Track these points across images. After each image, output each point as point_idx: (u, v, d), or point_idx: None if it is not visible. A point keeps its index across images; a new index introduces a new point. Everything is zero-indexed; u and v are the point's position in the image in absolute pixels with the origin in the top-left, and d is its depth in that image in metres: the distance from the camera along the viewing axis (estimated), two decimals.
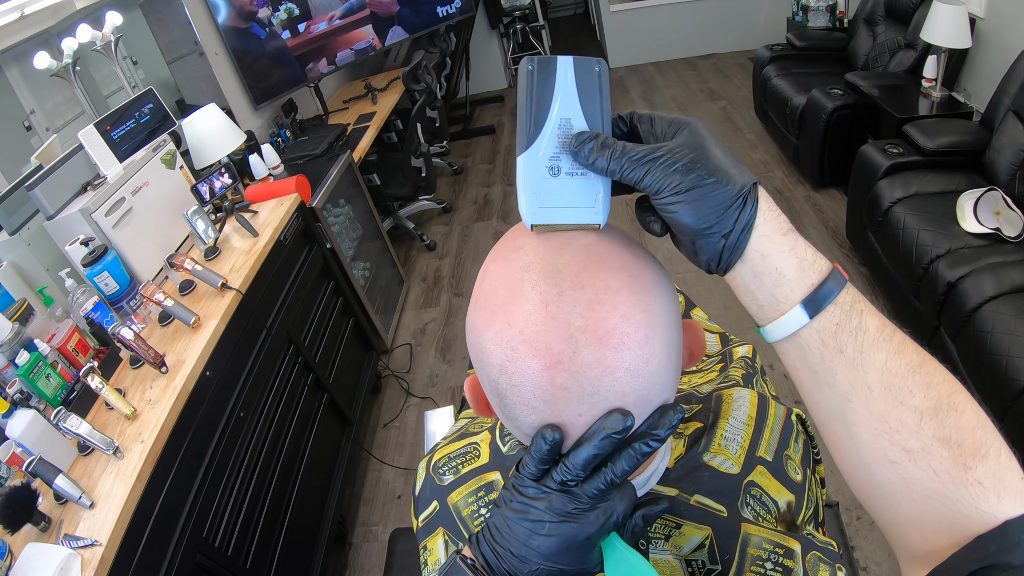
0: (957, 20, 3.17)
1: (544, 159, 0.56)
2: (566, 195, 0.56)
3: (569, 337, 0.52)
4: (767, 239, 0.53)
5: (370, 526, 2.63)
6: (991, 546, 0.47)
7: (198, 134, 2.76)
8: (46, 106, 2.53)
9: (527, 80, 0.55)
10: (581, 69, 0.56)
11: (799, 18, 5.28)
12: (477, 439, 0.90)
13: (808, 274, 0.53)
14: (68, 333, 1.94)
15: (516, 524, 0.57)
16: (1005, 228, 2.55)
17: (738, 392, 0.85)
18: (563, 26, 9.18)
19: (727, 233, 0.52)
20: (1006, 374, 2.08)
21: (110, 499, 1.51)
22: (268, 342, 2.27)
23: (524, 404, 0.55)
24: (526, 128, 0.56)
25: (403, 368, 3.40)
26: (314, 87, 4.07)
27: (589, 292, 0.53)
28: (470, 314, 0.60)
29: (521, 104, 0.56)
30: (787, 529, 0.74)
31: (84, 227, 2.11)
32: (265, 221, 2.54)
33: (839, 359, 0.52)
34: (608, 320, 0.53)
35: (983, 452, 0.50)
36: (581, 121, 0.56)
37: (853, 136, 3.67)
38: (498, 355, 0.55)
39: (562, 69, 0.55)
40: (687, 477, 0.75)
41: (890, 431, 0.51)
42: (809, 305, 0.52)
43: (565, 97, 0.56)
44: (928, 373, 0.52)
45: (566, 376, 0.53)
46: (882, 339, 0.52)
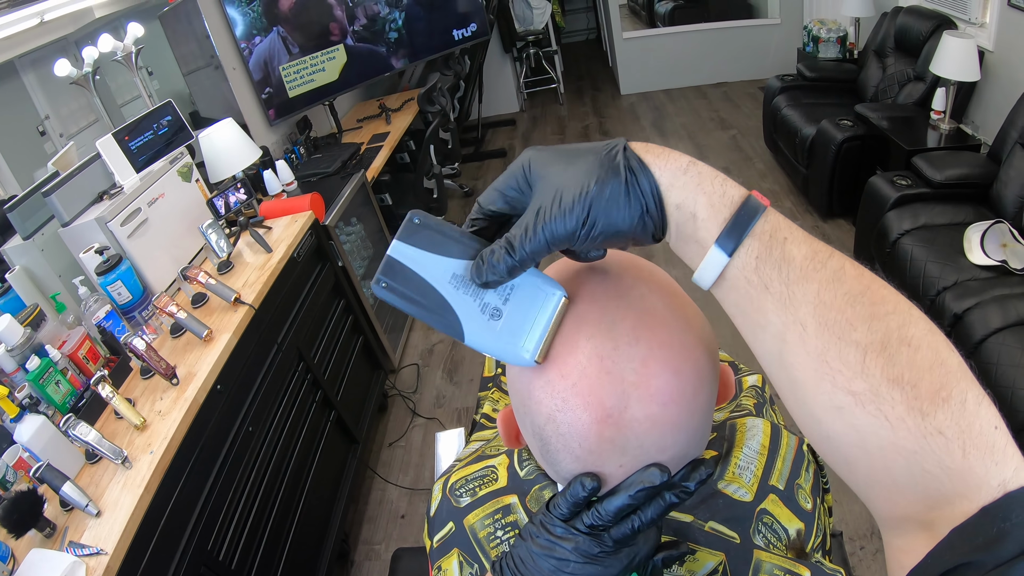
0: (966, 53, 3.20)
1: (481, 320, 0.54)
2: (522, 316, 0.54)
3: (622, 392, 0.53)
4: (672, 187, 0.49)
5: (373, 545, 2.62)
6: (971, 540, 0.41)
7: (214, 148, 2.79)
8: (61, 112, 2.56)
9: (393, 295, 0.53)
10: (409, 236, 0.53)
11: (810, 49, 5.32)
12: (495, 462, 0.91)
13: (719, 208, 0.48)
14: (79, 340, 1.96)
15: (542, 559, 0.58)
16: (1012, 260, 2.55)
17: (751, 421, 0.87)
18: (576, 51, 9.26)
19: (646, 210, 0.48)
20: (1012, 406, 2.08)
21: (117, 508, 1.51)
22: (279, 358, 2.28)
23: (568, 452, 0.56)
24: (444, 322, 0.54)
25: (410, 388, 3.41)
26: (329, 105, 4.11)
27: (644, 348, 0.54)
28: None
29: (416, 313, 0.54)
30: (797, 556, 0.75)
31: (99, 236, 2.12)
32: (279, 237, 2.56)
33: (766, 296, 0.47)
34: (660, 377, 0.53)
35: (943, 395, 0.43)
36: (460, 264, 0.53)
37: (862, 167, 3.69)
38: (548, 404, 0.56)
39: (401, 256, 0.53)
40: (702, 504, 0.76)
41: (831, 371, 0.45)
42: (725, 242, 0.47)
43: (428, 267, 0.53)
44: (872, 303, 0.45)
45: (614, 430, 0.53)
46: (812, 268, 0.46)
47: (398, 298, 0.53)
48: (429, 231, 0.53)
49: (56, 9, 2.42)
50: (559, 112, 7.10)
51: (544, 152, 0.52)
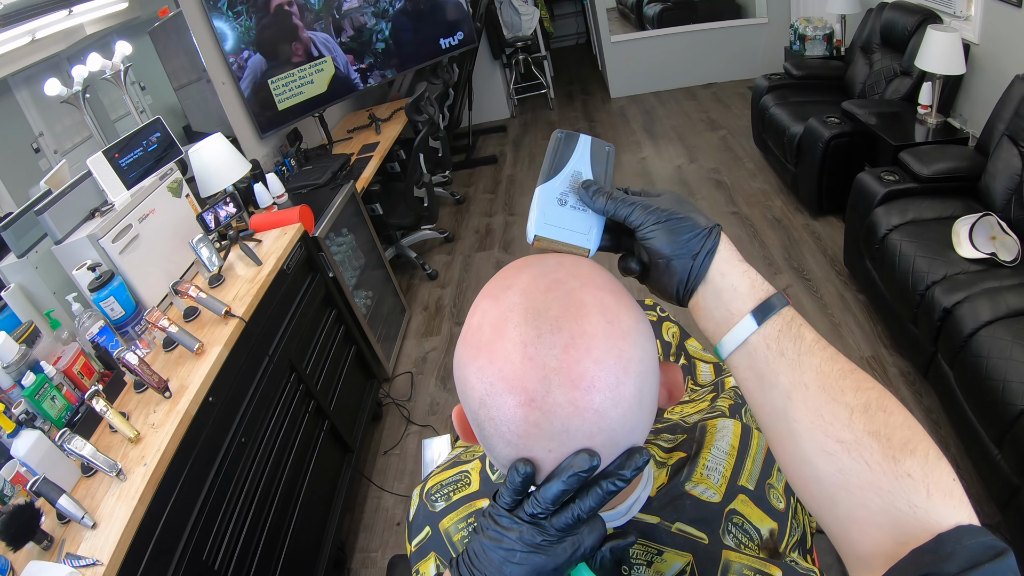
0: (951, 47, 3.22)
1: (556, 192, 0.69)
2: (567, 221, 0.68)
3: (543, 378, 0.55)
4: (726, 261, 0.64)
5: (369, 552, 2.63)
6: (926, 557, 0.49)
7: (204, 163, 2.80)
8: (55, 129, 2.58)
9: (555, 142, 0.71)
10: (596, 145, 0.72)
11: (797, 47, 5.35)
12: (468, 467, 0.93)
13: (757, 291, 0.63)
14: (74, 356, 1.97)
15: (491, 551, 0.59)
16: (1001, 253, 2.56)
17: (722, 423, 0.89)
18: (565, 57, 9.28)
19: (696, 254, 0.63)
20: (1003, 398, 2.08)
21: (112, 520, 1.53)
22: (270, 369, 2.29)
23: (500, 437, 0.58)
24: (547, 170, 0.70)
25: (404, 396, 3.42)
26: (319, 117, 4.13)
27: (566, 336, 0.57)
28: (458, 348, 0.64)
29: (548, 155, 0.71)
30: (770, 556, 0.76)
31: (91, 252, 2.14)
32: (269, 250, 2.57)
33: (781, 360, 0.60)
34: (581, 364, 0.56)
35: (911, 448, 0.54)
36: (590, 175, 0.70)
37: (850, 164, 3.70)
38: (479, 389, 0.59)
39: (583, 142, 0.72)
40: (669, 505, 0.77)
41: (824, 424, 0.57)
42: (757, 314, 0.61)
43: (580, 158, 0.71)
44: (858, 380, 0.59)
45: (538, 414, 0.56)
46: (817, 348, 0.60)
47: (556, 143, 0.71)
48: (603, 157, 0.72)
49: (48, 27, 2.44)
50: (550, 117, 7.12)
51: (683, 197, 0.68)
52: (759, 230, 4.17)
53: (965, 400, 2.32)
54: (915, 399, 2.75)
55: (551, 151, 0.71)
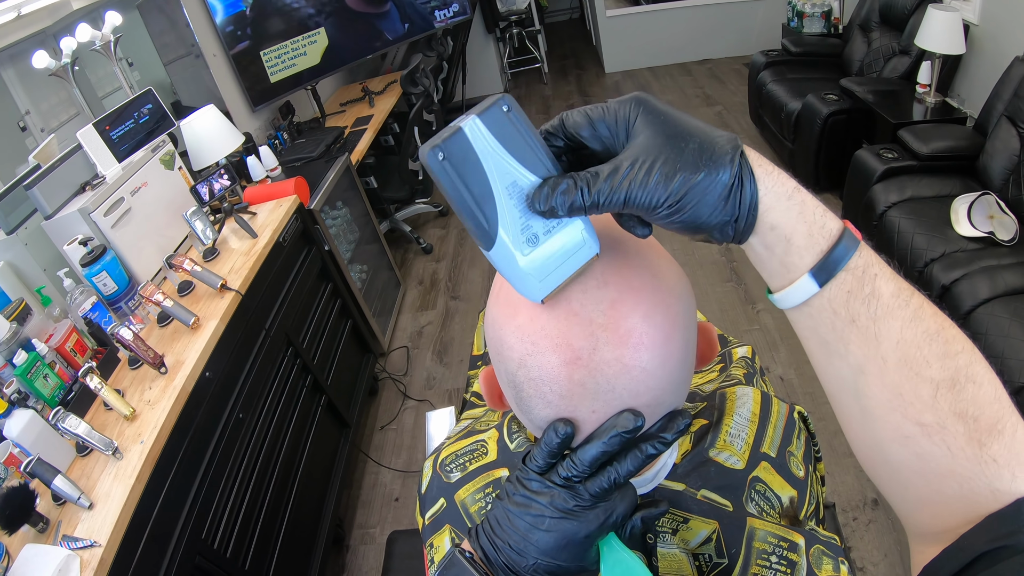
0: (951, 26, 3.20)
1: (517, 237, 0.50)
2: (555, 254, 0.52)
3: (590, 334, 0.53)
4: (773, 209, 0.48)
5: (368, 529, 2.63)
6: (1004, 527, 0.45)
7: (196, 135, 2.76)
8: (41, 107, 2.52)
9: (445, 172, 0.48)
10: (492, 121, 0.48)
11: (794, 24, 5.30)
12: (484, 436, 0.91)
13: (817, 240, 0.49)
14: (66, 333, 1.94)
15: (517, 518, 0.57)
16: (999, 232, 2.57)
17: (741, 390, 0.87)
18: (559, 31, 9.20)
19: (735, 219, 0.48)
20: (1002, 376, 2.07)
21: (109, 500, 1.51)
22: (267, 343, 2.27)
23: (540, 398, 0.56)
24: (480, 221, 0.49)
25: (400, 371, 3.40)
26: (311, 90, 4.07)
27: (612, 291, 0.54)
28: (490, 307, 0.61)
29: (457, 200, 0.49)
30: (791, 523, 0.75)
31: (83, 227, 2.10)
32: (264, 222, 2.54)
33: (851, 329, 0.49)
34: (629, 319, 0.53)
35: (999, 428, 0.47)
36: (527, 175, 0.50)
37: (848, 141, 3.69)
38: (518, 348, 0.56)
39: (473, 136, 0.48)
40: (694, 472, 0.76)
41: (904, 404, 0.48)
42: (819, 273, 0.48)
43: (496, 162, 0.49)
44: (946, 341, 0.48)
45: (584, 373, 0.53)
46: (897, 306, 0.49)
47: (447, 176, 0.48)
48: (513, 126, 0.49)
49: (34, 2, 2.38)
50: (543, 91, 7.07)
51: (657, 108, 0.49)
52: None
53: None
54: None
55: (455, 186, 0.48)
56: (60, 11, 2.57)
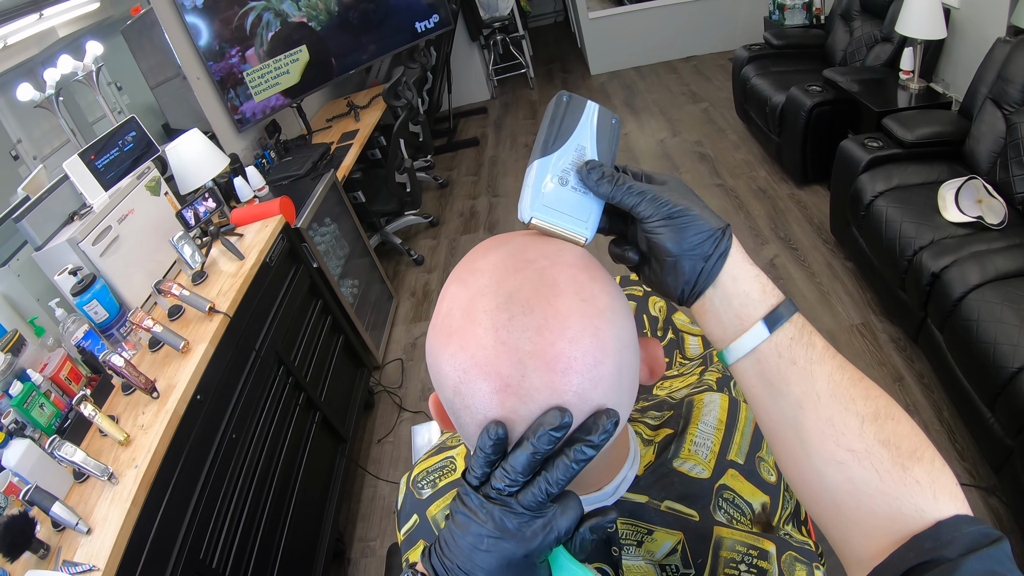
0: (932, 11, 3.20)
1: (556, 169, 0.62)
2: (565, 204, 0.62)
3: (518, 362, 0.53)
4: (738, 265, 0.60)
5: (368, 542, 2.63)
6: (926, 543, 0.50)
7: (182, 160, 2.77)
8: (33, 135, 2.54)
9: (558, 106, 0.63)
10: (603, 116, 0.65)
11: (776, 17, 5.32)
12: (453, 452, 0.92)
13: (768, 296, 0.60)
14: (60, 362, 1.95)
15: (460, 537, 0.56)
16: (987, 216, 2.56)
17: (709, 397, 0.87)
18: (544, 35, 9.22)
19: (708, 256, 0.59)
20: (994, 361, 2.09)
21: (107, 524, 1.52)
22: (258, 363, 2.28)
23: (476, 424, 0.56)
24: (547, 139, 0.62)
25: (395, 383, 3.41)
26: (297, 107, 4.08)
27: (539, 317, 0.54)
28: (429, 335, 0.61)
29: (547, 121, 0.63)
30: (763, 530, 0.75)
31: (72, 256, 2.11)
32: (251, 244, 2.55)
33: (792, 369, 0.58)
34: (556, 345, 0.53)
35: (919, 455, 0.55)
36: (594, 152, 0.63)
37: (834, 132, 3.70)
38: (452, 376, 0.56)
39: (589, 110, 0.64)
40: (657, 484, 0.76)
41: (836, 433, 0.56)
42: (768, 321, 0.59)
43: (586, 130, 0.63)
44: (867, 387, 0.58)
45: (515, 400, 0.53)
46: (827, 355, 0.59)
47: (560, 108, 0.63)
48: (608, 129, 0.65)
49: (18, 32, 2.39)
50: (530, 96, 7.09)
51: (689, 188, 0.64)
52: (744, 201, 4.16)
53: (956, 364, 2.33)
54: (906, 364, 2.76)
55: (552, 117, 0.63)
56: (45, 40, 2.59)
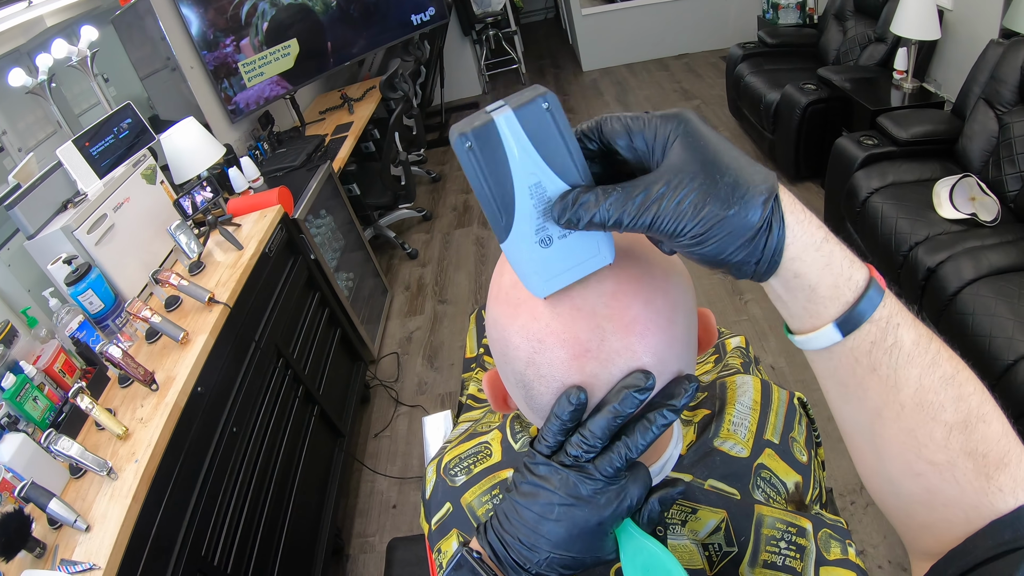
0: (926, 12, 3.22)
1: (530, 236, 0.50)
2: (566, 258, 0.51)
3: (596, 326, 0.53)
4: (799, 260, 0.47)
5: (367, 537, 2.61)
6: (1006, 533, 0.47)
7: (177, 149, 2.74)
8: (18, 126, 2.50)
9: (469, 160, 0.46)
10: (528, 118, 0.46)
11: (769, 16, 5.34)
12: (487, 438, 0.90)
13: (843, 291, 0.48)
14: (54, 354, 1.92)
15: (525, 509, 0.55)
16: (981, 213, 2.59)
17: (741, 379, 0.87)
18: (535, 31, 9.20)
19: (758, 260, 0.47)
20: (989, 354, 2.12)
21: (106, 521, 1.49)
22: (258, 355, 2.25)
23: (552, 394, 0.55)
24: (496, 215, 0.49)
25: (391, 377, 3.39)
26: (290, 99, 4.05)
27: (611, 282, 0.54)
28: (491, 308, 0.60)
29: (477, 189, 0.48)
30: (797, 508, 0.76)
31: (66, 245, 2.08)
32: (249, 234, 2.52)
33: (871, 377, 0.50)
34: (632, 308, 0.53)
35: (1006, 461, 0.49)
36: (553, 179, 0.48)
37: (827, 130, 3.71)
38: (525, 348, 0.55)
39: (506, 130, 0.46)
40: (700, 463, 0.76)
41: (918, 445, 0.50)
42: (844, 325, 0.48)
43: (523, 161, 0.47)
44: (960, 384, 0.49)
45: (595, 364, 0.53)
46: (917, 353, 0.49)
47: (471, 165, 0.46)
48: (549, 126, 0.46)
49: (6, 20, 2.34)
50: None
51: (698, 130, 0.46)
52: None
53: None
54: None
55: (477, 176, 0.47)
56: (34, 28, 2.55)
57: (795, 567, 0.69)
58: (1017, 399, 1.99)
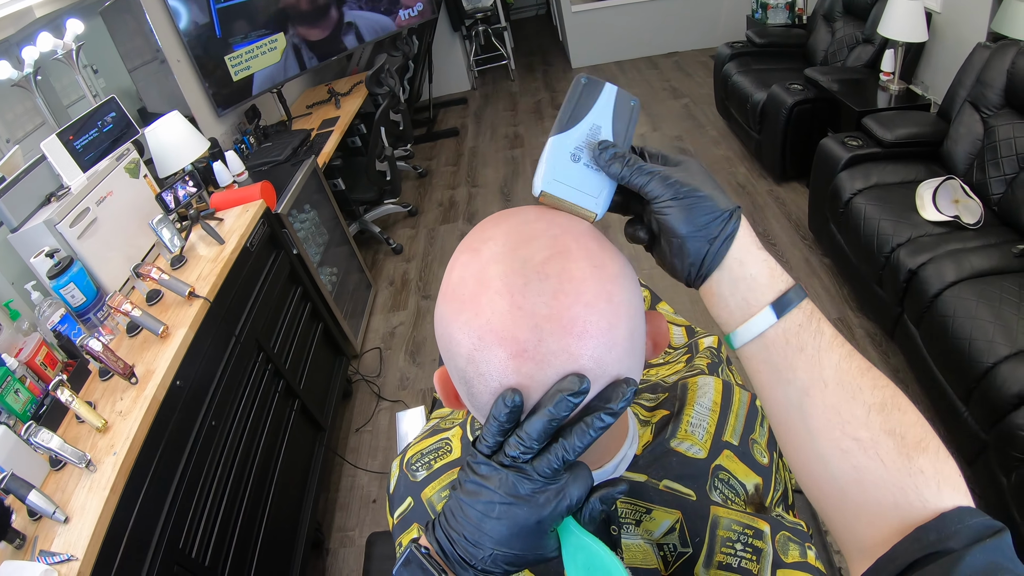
0: (914, 15, 3.24)
1: (570, 146, 0.64)
2: (577, 179, 0.63)
3: (534, 326, 0.53)
4: (745, 249, 0.60)
5: (347, 531, 2.62)
6: (931, 535, 0.50)
7: (161, 142, 2.73)
8: (6, 117, 2.48)
9: (577, 88, 0.65)
10: (621, 98, 0.66)
11: (758, 15, 5.35)
12: (448, 435, 0.91)
13: (776, 281, 0.60)
14: (36, 347, 1.91)
15: (469, 507, 0.56)
16: (964, 215, 2.60)
17: (703, 380, 0.88)
18: (525, 27, 9.21)
19: (713, 238, 0.59)
20: (970, 356, 2.12)
21: (85, 513, 1.49)
22: (238, 350, 2.25)
23: (491, 393, 0.55)
24: (564, 117, 0.64)
25: (373, 372, 3.39)
26: (277, 92, 4.04)
27: (554, 282, 0.55)
28: (439, 305, 0.61)
29: (566, 101, 0.65)
30: (756, 511, 0.76)
31: (49, 239, 2.07)
32: (231, 228, 2.52)
33: (799, 356, 0.58)
34: (572, 309, 0.54)
35: (923, 445, 0.54)
36: (609, 133, 0.65)
37: (813, 130, 3.74)
38: (466, 344, 0.56)
39: (607, 92, 0.66)
40: (655, 463, 0.76)
41: (842, 422, 0.56)
42: (777, 306, 0.59)
43: (602, 111, 0.65)
44: (875, 377, 0.58)
45: (531, 365, 0.53)
46: (836, 343, 0.58)
47: (575, 91, 0.65)
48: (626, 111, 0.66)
49: None
50: (511, 88, 7.07)
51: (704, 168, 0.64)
52: None
53: (932, 359, 2.37)
54: (882, 359, 2.79)
55: (570, 98, 0.65)
56: (23, 19, 2.53)
57: (751, 568, 0.70)
58: (996, 402, 2.00)
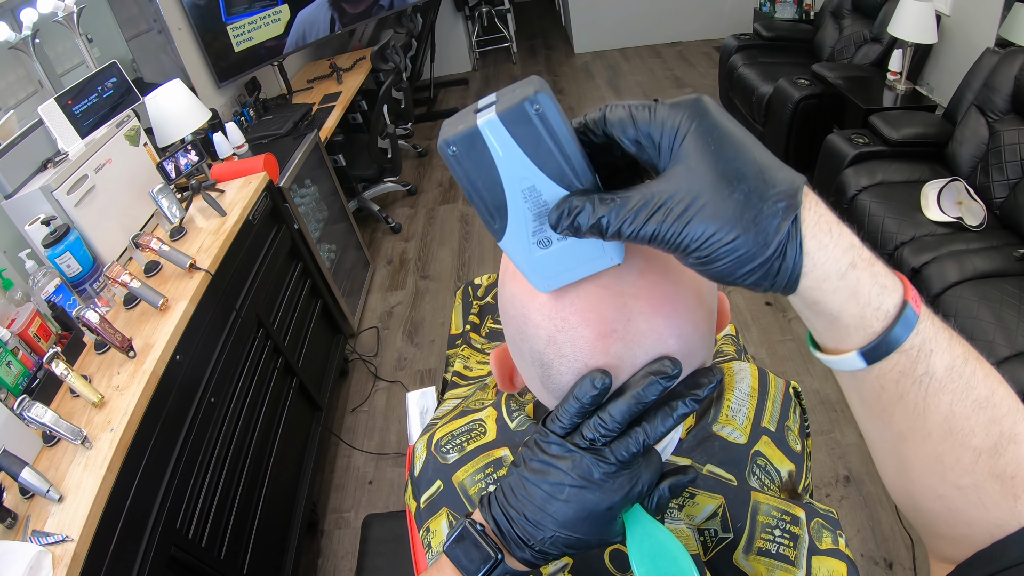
0: (924, 16, 3.24)
1: (527, 238, 0.47)
2: (568, 259, 0.48)
3: (623, 305, 0.50)
4: (818, 289, 0.42)
5: (342, 513, 2.60)
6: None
7: (162, 111, 2.67)
8: None
9: (456, 166, 0.43)
10: (515, 123, 0.41)
11: (766, 9, 5.32)
12: (481, 415, 0.87)
13: (870, 321, 0.43)
14: (29, 318, 1.87)
15: (533, 486, 0.53)
16: (967, 217, 2.61)
17: (738, 365, 0.87)
18: (528, 10, 9.13)
19: (770, 286, 0.42)
20: None
21: (80, 491, 1.45)
22: (238, 324, 2.21)
23: (573, 374, 0.53)
24: (488, 218, 0.46)
25: (370, 352, 3.37)
26: (278, 66, 3.98)
27: (640, 260, 0.51)
28: (507, 284, 0.57)
29: (468, 193, 0.45)
30: (789, 497, 0.76)
31: (45, 206, 2.02)
32: (233, 200, 2.47)
33: (898, 404, 0.46)
34: (660, 287, 0.51)
35: None
36: (547, 183, 0.44)
37: (818, 126, 3.73)
38: (546, 326, 0.53)
39: (490, 136, 0.42)
40: (699, 447, 0.76)
41: (943, 469, 0.47)
42: (869, 355, 0.44)
43: (513, 166, 0.43)
44: (994, 406, 0.45)
45: (620, 345, 0.50)
46: (950, 380, 0.45)
47: (458, 171, 0.44)
48: (540, 129, 0.41)
49: None
50: (512, 71, 7.02)
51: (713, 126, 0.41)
52: None
53: None
54: None
55: (464, 182, 0.44)
56: None
57: (788, 555, 0.68)
58: None
